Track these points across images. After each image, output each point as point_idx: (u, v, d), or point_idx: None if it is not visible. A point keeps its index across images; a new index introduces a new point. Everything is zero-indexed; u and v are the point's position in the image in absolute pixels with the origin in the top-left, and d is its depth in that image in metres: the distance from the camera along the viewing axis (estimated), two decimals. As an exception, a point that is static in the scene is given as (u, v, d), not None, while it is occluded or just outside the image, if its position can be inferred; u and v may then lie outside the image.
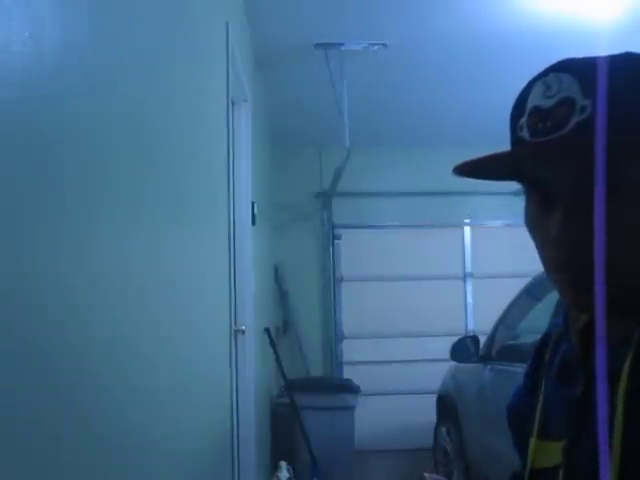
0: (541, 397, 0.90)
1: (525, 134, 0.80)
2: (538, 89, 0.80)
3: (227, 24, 2.96)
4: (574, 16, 4.03)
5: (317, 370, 6.40)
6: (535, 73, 0.84)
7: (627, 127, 0.72)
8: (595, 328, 0.50)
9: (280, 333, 6.07)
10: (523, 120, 0.81)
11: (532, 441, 0.90)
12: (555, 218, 0.78)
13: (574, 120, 0.76)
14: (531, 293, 3.63)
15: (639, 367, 0.75)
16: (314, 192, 6.59)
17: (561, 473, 0.83)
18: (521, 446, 0.98)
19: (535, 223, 0.82)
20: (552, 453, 0.85)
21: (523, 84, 0.82)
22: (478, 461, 4.04)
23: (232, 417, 2.85)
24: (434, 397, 4.91)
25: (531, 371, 0.99)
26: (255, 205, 3.88)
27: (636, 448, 0.72)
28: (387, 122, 5.91)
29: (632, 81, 0.75)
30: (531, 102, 0.80)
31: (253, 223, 3.82)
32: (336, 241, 6.63)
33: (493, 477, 3.67)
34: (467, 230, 6.65)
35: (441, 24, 4.14)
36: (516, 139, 0.82)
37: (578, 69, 0.78)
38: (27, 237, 0.90)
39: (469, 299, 6.63)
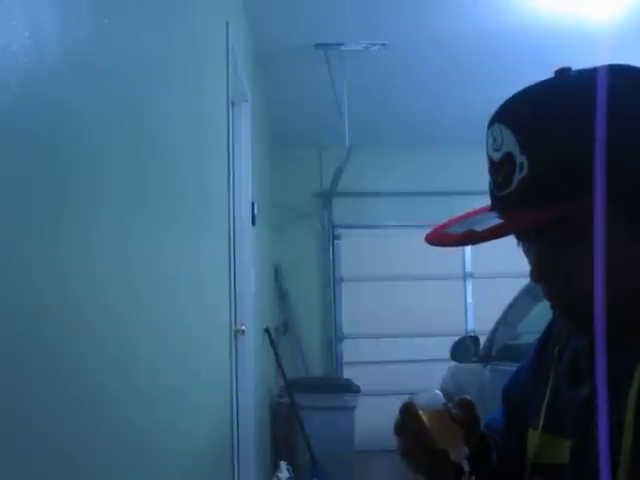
0: (548, 392, 0.90)
1: (492, 184, 0.83)
2: (489, 139, 0.82)
3: (227, 24, 2.96)
4: (574, 16, 4.03)
5: (317, 370, 6.40)
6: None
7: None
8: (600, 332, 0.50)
9: (280, 333, 6.07)
10: (488, 168, 0.84)
11: (535, 434, 0.90)
12: (531, 263, 0.83)
13: (516, 178, 0.77)
14: (531, 293, 3.62)
15: None
16: (314, 192, 6.59)
17: (569, 473, 0.83)
18: (514, 429, 0.98)
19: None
20: (558, 450, 0.85)
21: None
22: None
23: (232, 417, 2.85)
24: (434, 397, 4.89)
25: (536, 359, 0.98)
26: (255, 205, 3.88)
27: None
28: (387, 122, 5.91)
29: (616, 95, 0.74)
30: (488, 151, 0.83)
31: (253, 223, 3.82)
32: (336, 241, 6.63)
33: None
34: (467, 230, 6.65)
35: (441, 24, 4.14)
36: (489, 184, 0.84)
37: (517, 121, 0.79)
38: (26, 236, 0.90)
39: (469, 299, 6.62)
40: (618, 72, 0.76)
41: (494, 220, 0.80)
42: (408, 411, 0.91)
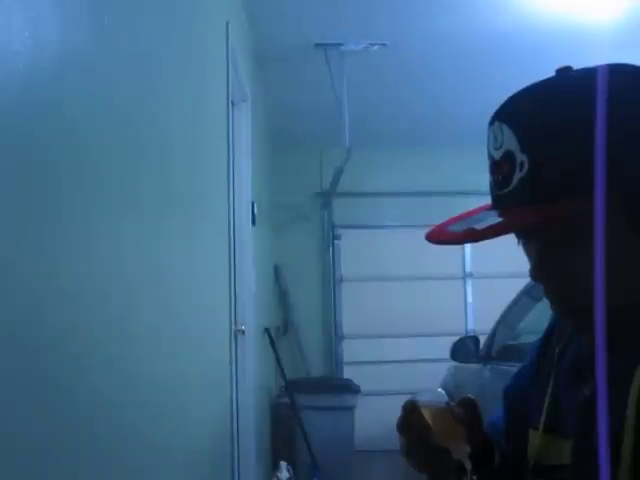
0: (549, 392, 0.90)
1: (492, 183, 0.83)
2: (490, 137, 0.82)
3: (227, 24, 2.96)
4: (573, 16, 4.03)
5: (317, 370, 6.39)
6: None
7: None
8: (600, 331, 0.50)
9: (280, 333, 6.07)
10: (489, 166, 0.84)
11: (536, 435, 0.90)
12: (531, 262, 0.84)
13: (517, 177, 0.78)
14: (531, 293, 3.62)
15: None
16: (314, 192, 6.59)
17: (570, 474, 0.83)
18: (515, 430, 0.98)
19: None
20: (559, 451, 0.85)
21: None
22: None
23: (232, 417, 2.85)
24: (434, 397, 4.89)
25: (537, 360, 0.98)
26: (255, 205, 3.88)
27: None
28: (387, 122, 5.91)
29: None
30: (488, 150, 0.83)
31: (253, 223, 3.82)
32: (336, 241, 6.63)
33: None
34: (467, 230, 6.64)
35: (441, 24, 4.14)
36: (490, 182, 0.84)
37: (517, 120, 0.79)
38: (25, 236, 0.90)
39: (469, 299, 6.62)
40: (618, 71, 0.76)
41: (494, 219, 0.80)
42: (411, 409, 0.91)
